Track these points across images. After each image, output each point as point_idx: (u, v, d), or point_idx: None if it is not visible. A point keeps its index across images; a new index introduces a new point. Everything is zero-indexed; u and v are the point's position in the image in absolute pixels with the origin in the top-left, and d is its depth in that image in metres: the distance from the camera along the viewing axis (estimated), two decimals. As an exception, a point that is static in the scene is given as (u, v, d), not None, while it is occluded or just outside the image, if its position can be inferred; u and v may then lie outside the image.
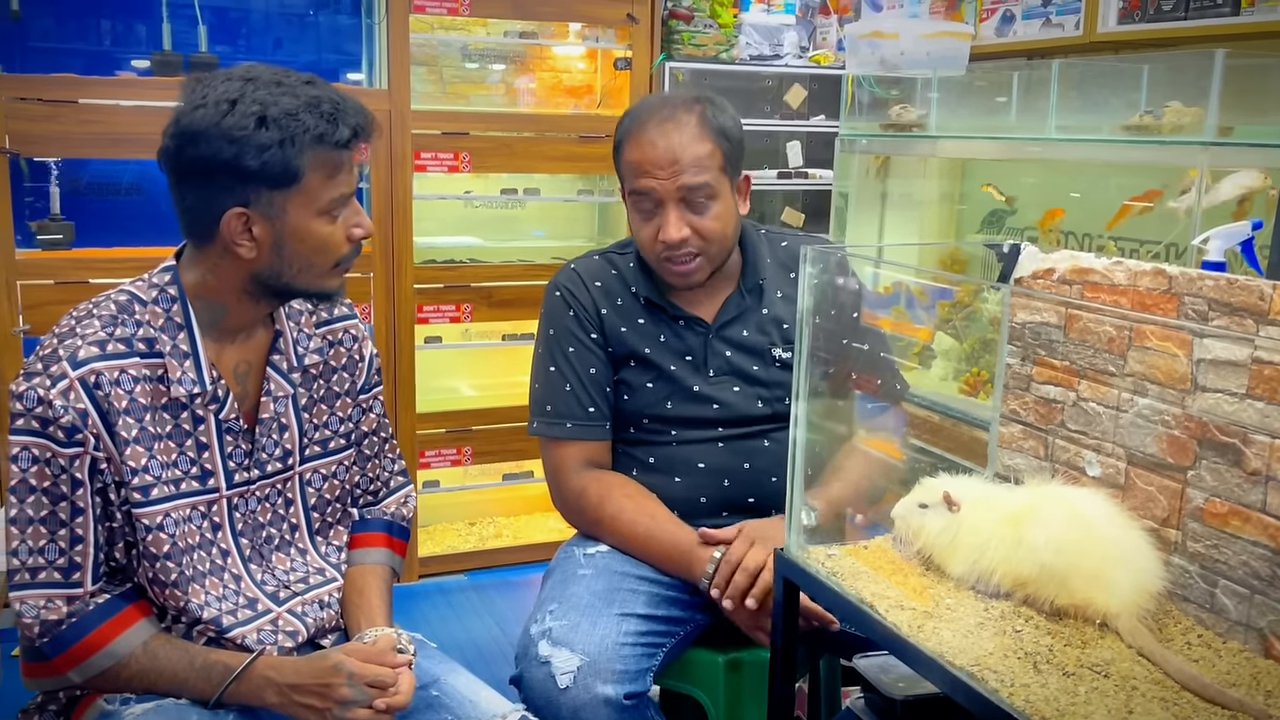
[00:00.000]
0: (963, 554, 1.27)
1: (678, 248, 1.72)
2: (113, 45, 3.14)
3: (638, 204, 1.75)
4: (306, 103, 1.29)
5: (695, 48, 3.37)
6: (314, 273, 1.37)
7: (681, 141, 1.70)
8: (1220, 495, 1.15)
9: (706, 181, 1.71)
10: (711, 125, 1.73)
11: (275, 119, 1.27)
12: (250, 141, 1.27)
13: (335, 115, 1.31)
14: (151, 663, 1.32)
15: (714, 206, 1.73)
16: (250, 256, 1.34)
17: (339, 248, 1.37)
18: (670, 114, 1.73)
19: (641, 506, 1.72)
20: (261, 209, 1.31)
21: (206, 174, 1.29)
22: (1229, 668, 1.10)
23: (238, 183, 1.29)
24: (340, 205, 1.36)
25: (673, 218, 1.71)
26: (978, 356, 2.81)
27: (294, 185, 1.30)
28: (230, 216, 1.31)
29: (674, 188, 1.70)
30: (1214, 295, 1.19)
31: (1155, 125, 2.22)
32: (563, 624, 1.57)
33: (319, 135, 1.29)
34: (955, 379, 2.86)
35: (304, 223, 1.33)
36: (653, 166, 1.70)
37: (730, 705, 1.72)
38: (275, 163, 1.28)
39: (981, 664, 1.10)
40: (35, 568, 1.30)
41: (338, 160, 1.33)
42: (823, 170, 3.55)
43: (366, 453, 1.60)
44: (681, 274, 1.76)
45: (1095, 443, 1.31)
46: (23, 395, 1.27)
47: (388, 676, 1.32)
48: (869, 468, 1.65)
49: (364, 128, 1.34)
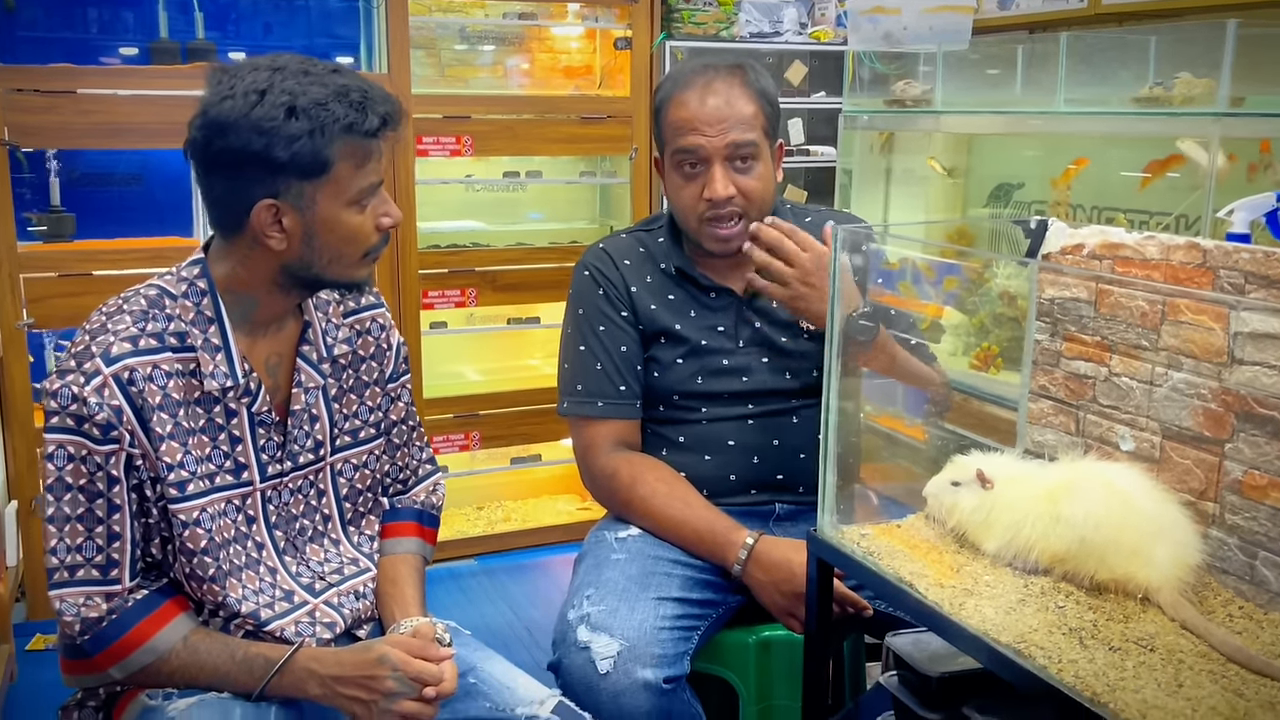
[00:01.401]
0: (998, 531, 1.28)
1: (722, 206, 1.72)
2: (107, 33, 3.13)
3: (680, 164, 1.75)
4: (335, 92, 1.28)
5: (695, 26, 3.36)
6: (344, 263, 1.36)
7: (729, 100, 1.72)
8: (1259, 468, 1.16)
9: (753, 140, 1.72)
10: (755, 87, 1.75)
11: (305, 109, 1.26)
12: (280, 132, 1.26)
13: (364, 104, 1.30)
14: (192, 657, 1.32)
15: (758, 167, 1.74)
16: (280, 248, 1.33)
17: (368, 237, 1.36)
18: (715, 75, 1.75)
19: (673, 490, 1.73)
20: (291, 200, 1.30)
21: (236, 166, 1.28)
22: (1272, 639, 1.10)
23: (268, 174, 1.28)
24: (369, 195, 1.35)
25: (719, 174, 1.71)
26: (988, 331, 2.82)
27: (324, 175, 1.30)
28: (260, 208, 1.30)
29: (722, 145, 1.71)
30: (1250, 268, 1.20)
31: (1166, 97, 2.22)
32: (600, 609, 1.57)
33: (349, 124, 1.28)
34: (965, 354, 2.86)
35: (334, 213, 1.32)
36: (701, 124, 1.71)
37: (760, 686, 1.73)
38: (305, 153, 1.27)
39: (1027, 640, 1.11)
40: (74, 565, 1.29)
41: (367, 149, 1.32)
42: (824, 147, 3.54)
43: (396, 441, 1.60)
44: (723, 238, 1.76)
45: (1129, 418, 1.31)
46: (57, 393, 1.26)
47: (433, 673, 1.32)
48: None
49: (393, 116, 1.34)
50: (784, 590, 1.63)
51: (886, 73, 3.09)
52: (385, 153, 1.36)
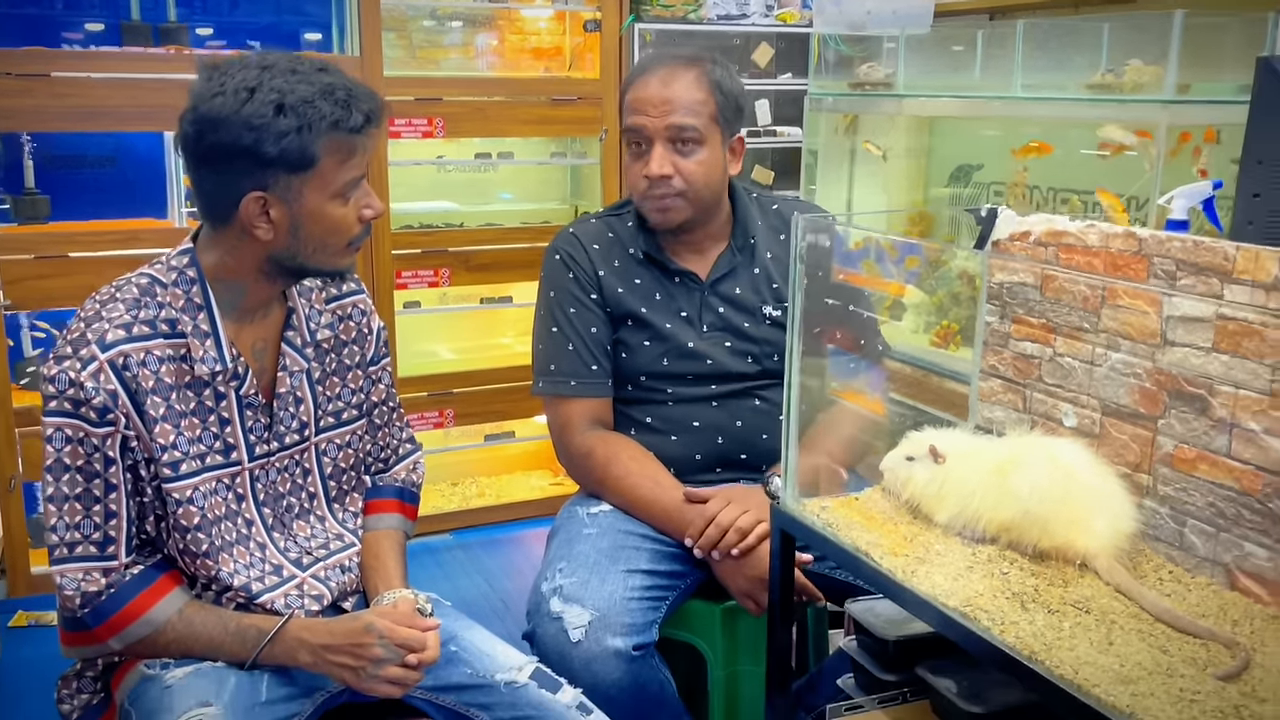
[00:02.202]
0: (949, 503, 1.36)
1: (659, 185, 1.81)
2: (79, 14, 3.12)
3: (630, 143, 1.85)
4: (322, 90, 1.34)
5: (664, 8, 3.40)
6: (328, 252, 1.43)
7: (676, 86, 1.81)
8: (1188, 442, 1.24)
9: (694, 125, 1.80)
10: (709, 78, 1.83)
11: (293, 106, 1.32)
12: (269, 128, 1.31)
13: (349, 101, 1.35)
14: (188, 629, 1.39)
15: (700, 152, 1.82)
16: (268, 238, 1.38)
17: (351, 228, 1.43)
18: (674, 64, 1.84)
19: (645, 469, 1.80)
20: (279, 192, 1.36)
21: (226, 160, 1.34)
22: (1198, 600, 1.19)
23: (256, 168, 1.34)
24: (353, 188, 1.41)
25: (658, 153, 1.81)
26: (947, 309, 2.90)
27: (310, 169, 1.35)
28: (249, 200, 1.35)
29: (662, 125, 1.80)
30: (1181, 256, 1.28)
31: (1117, 84, 2.30)
32: (572, 581, 1.65)
33: (334, 121, 1.34)
34: (926, 331, 2.95)
35: (319, 205, 1.38)
36: (647, 105, 1.81)
37: (727, 652, 1.81)
38: (293, 148, 1.33)
39: (973, 604, 1.19)
40: (72, 542, 1.36)
41: (351, 145, 1.38)
42: (790, 128, 3.60)
43: (377, 422, 1.67)
44: (659, 210, 1.84)
45: (1071, 395, 1.40)
46: (55, 378, 1.32)
47: (417, 638, 1.39)
48: (854, 426, 1.74)
49: (375, 113, 1.40)
50: (745, 574, 1.70)
51: (851, 54, 3.15)
52: (368, 148, 1.42)
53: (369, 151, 1.42)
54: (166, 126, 3.01)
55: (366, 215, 1.43)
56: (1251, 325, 1.16)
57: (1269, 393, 1.15)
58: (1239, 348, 1.18)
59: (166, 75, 2.86)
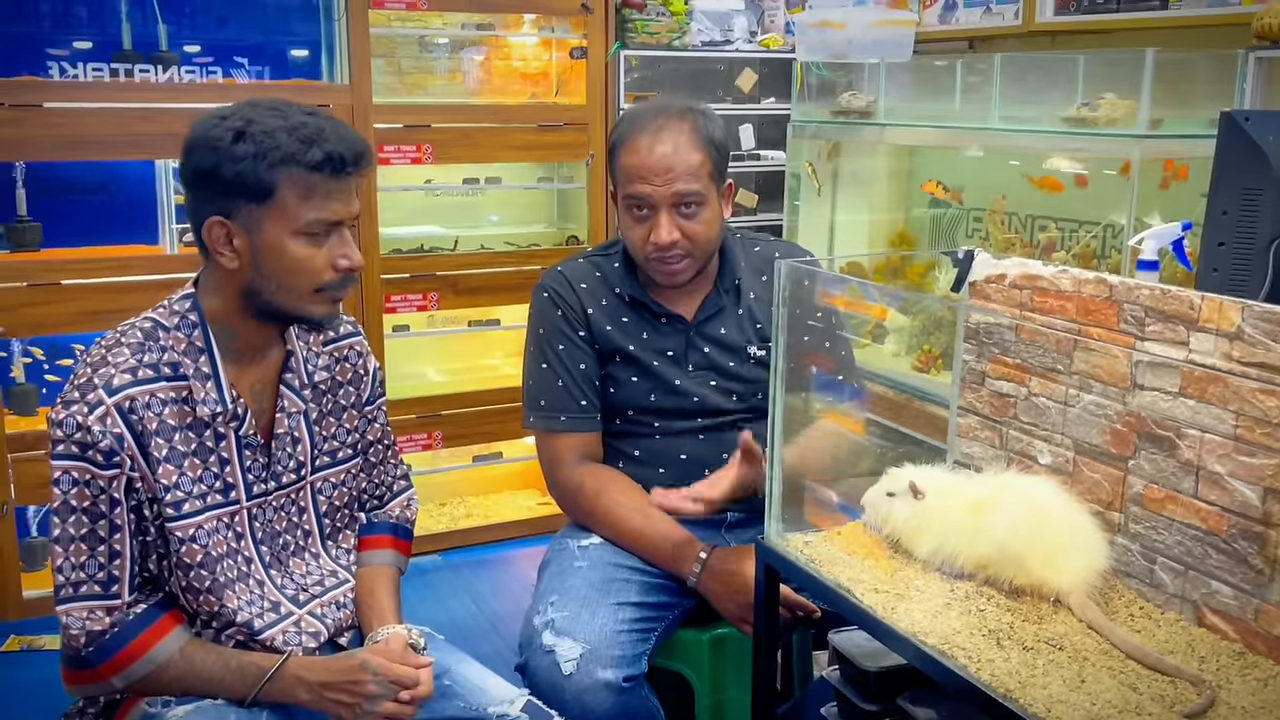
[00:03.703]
0: (928, 538, 1.40)
1: (667, 249, 1.83)
2: (70, 45, 3.15)
3: (630, 208, 1.86)
4: (289, 126, 1.38)
5: (649, 35, 3.45)
6: (293, 294, 1.44)
7: (675, 150, 1.81)
8: (1158, 482, 1.29)
9: (697, 190, 1.82)
10: (703, 134, 1.84)
11: (252, 134, 1.37)
12: (227, 153, 1.36)
13: (312, 139, 1.38)
14: (189, 666, 1.42)
15: (703, 212, 1.84)
16: (232, 267, 1.42)
17: (319, 273, 1.44)
18: (664, 123, 1.83)
19: (634, 503, 1.84)
20: (241, 220, 1.40)
21: (194, 182, 1.40)
22: (1167, 636, 1.24)
23: (219, 193, 1.39)
24: (321, 229, 1.42)
25: (664, 222, 1.82)
26: (929, 333, 2.96)
27: (268, 201, 1.39)
28: (212, 224, 1.40)
29: (668, 194, 1.81)
30: (1150, 303, 1.32)
31: (1092, 118, 2.36)
32: (564, 614, 1.69)
33: (290, 154, 1.37)
34: (908, 354, 3.01)
35: (278, 239, 1.41)
36: (649, 173, 1.81)
37: (714, 680, 1.85)
38: (248, 174, 1.37)
39: (950, 641, 1.23)
40: (78, 582, 1.39)
41: (312, 183, 1.40)
42: (774, 151, 3.65)
43: (372, 460, 1.70)
44: (669, 273, 1.87)
45: (1046, 434, 1.45)
46: (62, 422, 1.36)
47: (410, 675, 1.43)
48: (823, 438, 1.78)
49: (340, 155, 1.40)
50: (737, 600, 1.74)
51: (834, 80, 3.21)
52: (348, 195, 1.44)
53: (344, 197, 1.43)
54: (158, 155, 3.05)
55: (341, 265, 1.45)
56: (1216, 372, 1.22)
57: (1233, 437, 1.20)
58: (1204, 394, 1.23)
59: (158, 105, 2.90)
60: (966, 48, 3.25)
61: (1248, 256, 1.44)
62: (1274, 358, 1.17)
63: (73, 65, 3.10)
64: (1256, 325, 1.19)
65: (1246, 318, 1.19)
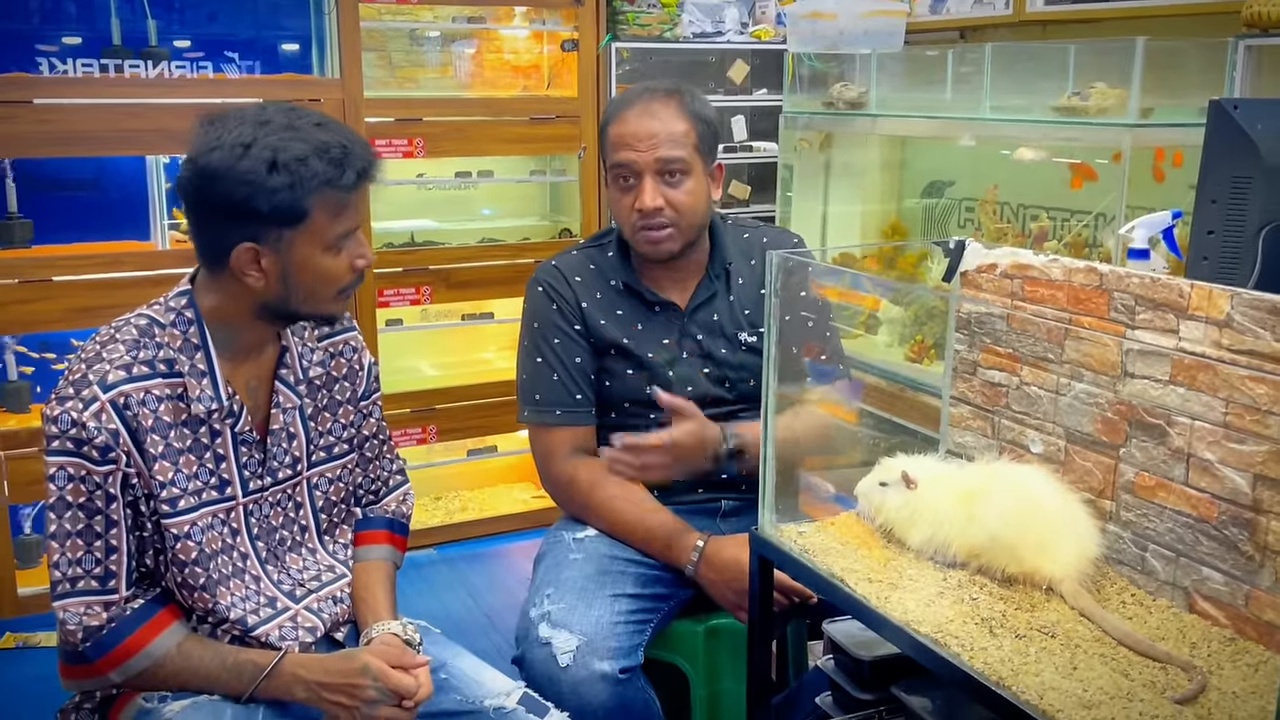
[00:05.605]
0: (921, 528, 1.41)
1: (652, 217, 1.85)
2: (60, 41, 3.14)
3: (618, 177, 1.89)
4: (316, 148, 1.38)
5: (640, 27, 3.45)
6: (318, 300, 1.47)
7: (660, 119, 1.86)
8: (1149, 470, 1.30)
9: (681, 156, 1.85)
10: (688, 108, 1.88)
11: (285, 164, 1.36)
12: (262, 186, 1.35)
13: (343, 160, 1.39)
14: (186, 662, 1.43)
15: (687, 181, 1.87)
16: (259, 286, 1.43)
17: (342, 277, 1.47)
18: (653, 97, 1.89)
19: (628, 494, 1.85)
20: (270, 244, 1.40)
21: (220, 212, 1.38)
22: (1158, 623, 1.25)
23: (249, 221, 1.38)
24: (345, 239, 1.45)
25: (648, 187, 1.85)
26: (921, 323, 2.96)
27: (301, 224, 1.40)
28: (240, 250, 1.40)
29: (651, 159, 1.84)
30: (1140, 292, 1.33)
31: (1082, 107, 2.36)
32: (560, 607, 1.69)
33: (326, 179, 1.38)
34: (901, 344, 3.01)
35: (309, 257, 1.43)
36: (633, 139, 1.85)
37: (709, 670, 1.86)
38: (284, 204, 1.37)
39: (943, 630, 1.24)
40: (74, 577, 1.39)
41: (343, 201, 1.42)
42: (766, 143, 3.66)
43: (367, 455, 1.71)
44: (653, 242, 1.88)
45: (1037, 423, 1.45)
46: (57, 419, 1.36)
47: (409, 685, 1.44)
48: (812, 424, 1.79)
49: (368, 171, 1.43)
50: (734, 588, 1.75)
51: (825, 70, 3.21)
52: (362, 200, 1.46)
53: (360, 204, 1.46)
54: (149, 150, 3.04)
55: (359, 265, 1.48)
56: (1206, 360, 1.22)
57: (1223, 424, 1.20)
58: (1194, 381, 1.23)
59: (149, 100, 2.89)
60: (957, 38, 3.25)
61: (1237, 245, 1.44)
62: (1263, 345, 1.17)
63: (62, 61, 3.10)
64: (1245, 313, 1.19)
65: (1236, 305, 1.20)
